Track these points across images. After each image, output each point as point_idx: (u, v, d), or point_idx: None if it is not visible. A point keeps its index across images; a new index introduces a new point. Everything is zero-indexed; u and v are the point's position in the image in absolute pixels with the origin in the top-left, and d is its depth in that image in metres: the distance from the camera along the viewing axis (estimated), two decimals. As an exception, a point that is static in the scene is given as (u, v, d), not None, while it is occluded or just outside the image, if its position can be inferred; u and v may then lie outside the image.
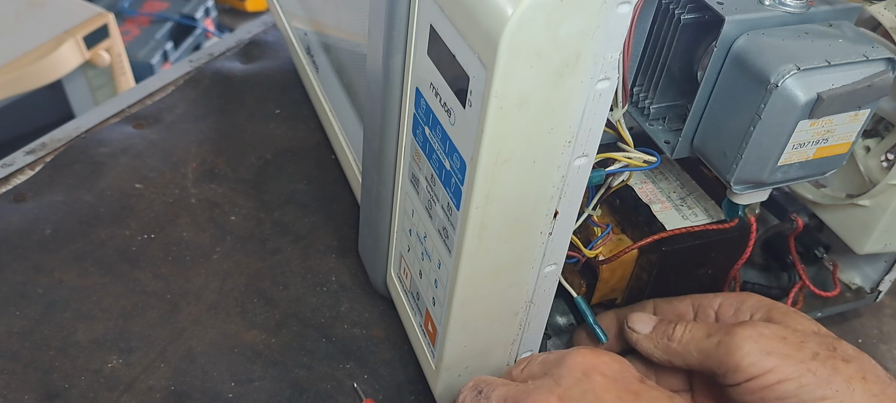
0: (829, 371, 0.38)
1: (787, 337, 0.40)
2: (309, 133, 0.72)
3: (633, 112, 0.47)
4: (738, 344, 0.40)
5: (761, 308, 0.44)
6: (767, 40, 0.39)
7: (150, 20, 1.70)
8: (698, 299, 0.47)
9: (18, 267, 0.57)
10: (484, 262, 0.38)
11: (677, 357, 0.43)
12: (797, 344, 0.40)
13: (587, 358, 0.38)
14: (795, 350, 0.39)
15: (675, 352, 0.43)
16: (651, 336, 0.45)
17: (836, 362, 0.39)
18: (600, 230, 0.47)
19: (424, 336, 0.47)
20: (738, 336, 0.40)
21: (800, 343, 0.40)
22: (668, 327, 0.44)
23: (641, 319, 0.46)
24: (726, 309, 0.45)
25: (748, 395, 0.39)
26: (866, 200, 0.49)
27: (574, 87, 0.32)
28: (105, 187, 0.64)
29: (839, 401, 0.38)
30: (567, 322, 0.53)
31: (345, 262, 0.59)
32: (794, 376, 0.38)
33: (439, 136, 0.38)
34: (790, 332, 0.40)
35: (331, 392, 0.50)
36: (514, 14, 0.29)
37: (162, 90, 0.76)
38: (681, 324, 0.44)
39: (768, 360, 0.39)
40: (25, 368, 0.50)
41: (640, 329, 0.45)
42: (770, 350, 0.39)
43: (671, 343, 0.43)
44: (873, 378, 0.39)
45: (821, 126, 0.40)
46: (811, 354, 0.39)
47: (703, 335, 0.42)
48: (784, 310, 0.43)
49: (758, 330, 0.40)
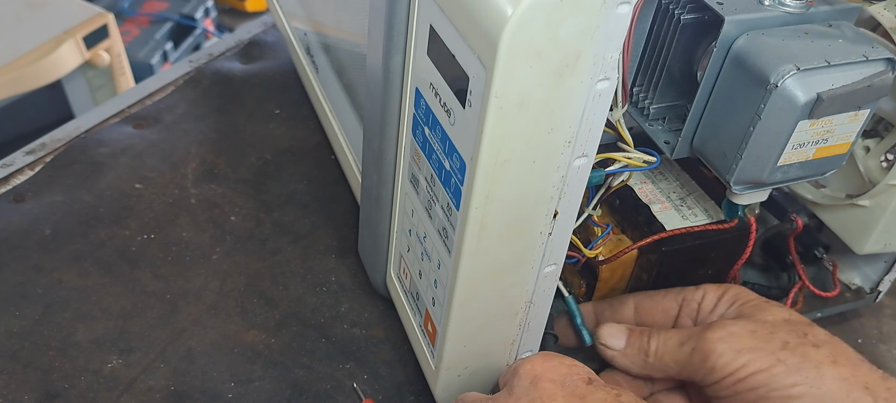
0: (798, 358, 0.39)
1: (757, 331, 0.41)
2: (309, 133, 0.72)
3: (632, 112, 0.47)
4: (710, 348, 0.41)
5: (737, 300, 0.45)
6: (767, 40, 0.39)
7: (149, 20, 1.70)
8: (682, 292, 0.47)
9: (18, 268, 0.57)
10: (484, 262, 0.38)
11: (656, 371, 0.44)
12: (766, 336, 0.40)
13: (535, 366, 0.39)
14: (765, 343, 0.40)
15: (653, 367, 0.44)
16: (627, 353, 0.45)
17: (805, 349, 0.40)
18: (600, 230, 0.47)
19: (424, 336, 0.47)
20: (709, 341, 0.41)
21: (769, 335, 0.41)
22: (643, 341, 0.44)
23: (613, 333, 0.46)
24: (709, 301, 0.46)
25: (723, 391, 0.41)
26: (866, 200, 0.49)
27: (574, 87, 0.32)
28: (105, 187, 0.64)
29: (809, 386, 0.39)
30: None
31: (345, 262, 0.59)
32: (765, 367, 0.39)
33: (439, 137, 0.38)
34: (759, 325, 0.41)
35: (330, 393, 0.50)
36: (513, 14, 0.29)
37: (162, 90, 0.76)
38: (654, 336, 0.44)
39: (741, 357, 0.40)
40: (25, 368, 0.50)
41: (613, 345, 0.45)
42: (741, 347, 0.40)
43: (648, 359, 0.44)
44: (844, 360, 0.40)
45: (820, 126, 0.40)
46: (781, 344, 0.40)
47: (677, 345, 0.43)
48: (755, 303, 0.44)
49: (727, 329, 0.41)
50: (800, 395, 0.39)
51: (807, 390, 0.39)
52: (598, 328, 0.46)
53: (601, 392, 0.37)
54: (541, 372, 0.38)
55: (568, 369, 0.39)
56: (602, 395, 0.37)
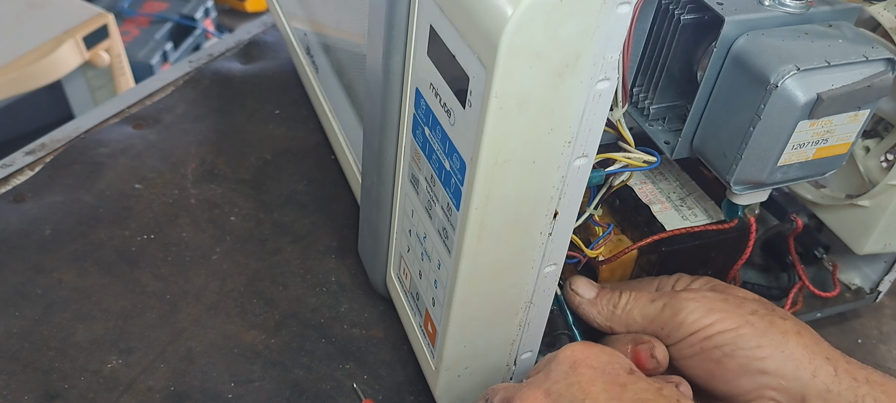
0: (766, 324, 0.41)
1: (729, 299, 0.42)
2: (308, 133, 0.72)
3: (632, 112, 0.47)
4: (682, 305, 0.42)
5: (708, 283, 0.46)
6: (767, 41, 0.39)
7: (149, 20, 1.70)
8: (658, 279, 0.48)
9: (18, 268, 0.57)
10: (484, 263, 0.38)
11: (619, 324, 0.45)
12: (737, 303, 0.42)
13: (576, 352, 0.39)
14: (735, 307, 0.42)
15: (618, 319, 0.45)
16: (595, 302, 0.46)
17: (773, 318, 0.41)
18: (601, 230, 0.47)
19: (424, 336, 0.47)
20: (681, 298, 0.43)
21: (740, 302, 0.42)
22: (614, 295, 0.46)
23: (584, 284, 0.47)
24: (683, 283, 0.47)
25: (688, 349, 0.42)
26: (866, 200, 0.49)
27: (574, 88, 0.32)
28: (104, 187, 0.64)
29: (773, 349, 0.40)
30: (567, 322, 0.53)
31: (344, 263, 0.59)
32: (732, 327, 0.41)
33: (439, 137, 0.38)
34: (731, 296, 0.43)
35: (330, 393, 0.50)
36: (513, 14, 0.29)
37: (161, 91, 0.76)
38: (626, 293, 0.45)
39: (710, 316, 0.41)
40: (25, 368, 0.50)
41: (583, 293, 0.47)
42: (712, 307, 0.42)
43: (615, 311, 0.45)
44: (808, 335, 0.41)
45: (820, 126, 0.40)
46: (750, 310, 0.42)
47: (648, 300, 0.44)
48: (727, 285, 0.46)
49: (700, 293, 0.43)
50: (763, 357, 0.40)
51: (771, 352, 0.40)
52: (571, 278, 0.48)
53: (643, 382, 0.37)
54: (581, 358, 0.38)
55: (609, 357, 0.39)
56: (644, 386, 0.37)
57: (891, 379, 0.39)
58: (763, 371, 0.40)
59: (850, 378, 0.39)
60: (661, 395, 0.36)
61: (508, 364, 0.45)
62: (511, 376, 0.46)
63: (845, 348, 0.57)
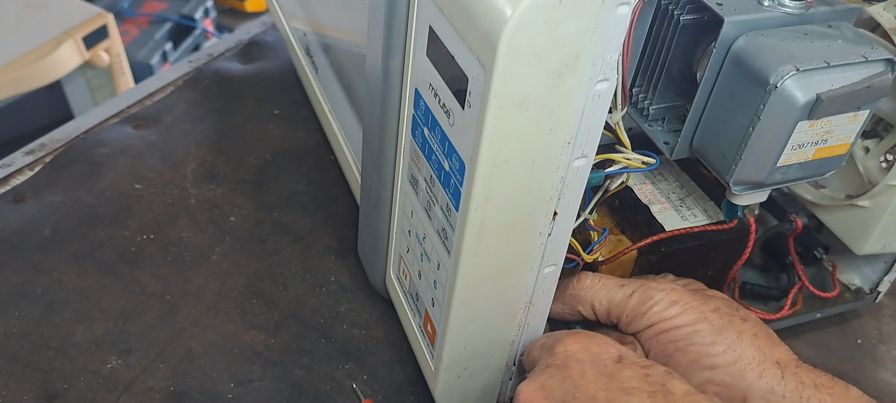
0: (724, 322, 0.41)
1: (696, 294, 0.43)
2: (308, 134, 0.72)
3: (632, 113, 0.47)
4: (650, 295, 0.42)
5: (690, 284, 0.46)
6: (766, 41, 0.39)
7: (149, 21, 1.70)
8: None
9: (17, 268, 0.57)
10: (483, 263, 0.38)
11: (584, 304, 0.45)
12: (703, 299, 0.42)
13: (568, 345, 0.39)
14: (699, 303, 0.42)
15: (581, 299, 0.45)
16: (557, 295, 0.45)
17: (733, 318, 0.42)
18: (597, 234, 0.47)
19: (423, 336, 0.47)
20: (651, 288, 0.43)
21: (706, 298, 0.43)
22: (572, 279, 0.45)
23: None
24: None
25: (645, 340, 0.43)
26: (865, 201, 0.49)
27: (573, 88, 0.32)
28: (104, 188, 0.64)
29: (726, 347, 0.40)
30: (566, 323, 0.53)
31: (344, 263, 0.59)
32: (690, 322, 0.41)
33: (438, 137, 0.38)
34: (700, 292, 0.43)
35: (330, 393, 0.50)
36: (513, 15, 0.29)
37: (161, 91, 0.76)
38: (588, 274, 0.45)
39: (672, 309, 0.42)
40: (24, 369, 0.50)
41: None
42: (676, 300, 0.42)
43: (576, 291, 0.45)
44: (764, 337, 0.41)
45: (820, 127, 0.40)
46: (712, 308, 0.42)
47: (616, 285, 0.44)
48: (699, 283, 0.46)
49: (669, 283, 0.43)
50: (714, 354, 0.40)
51: (722, 349, 0.40)
52: None
53: (629, 370, 0.38)
54: (572, 352, 0.39)
55: (599, 348, 0.39)
56: (630, 373, 0.37)
57: (839, 382, 0.40)
58: (712, 367, 0.40)
59: (796, 381, 0.40)
60: (646, 381, 0.37)
61: (508, 365, 0.45)
62: (511, 376, 0.46)
63: (845, 348, 0.57)
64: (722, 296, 0.44)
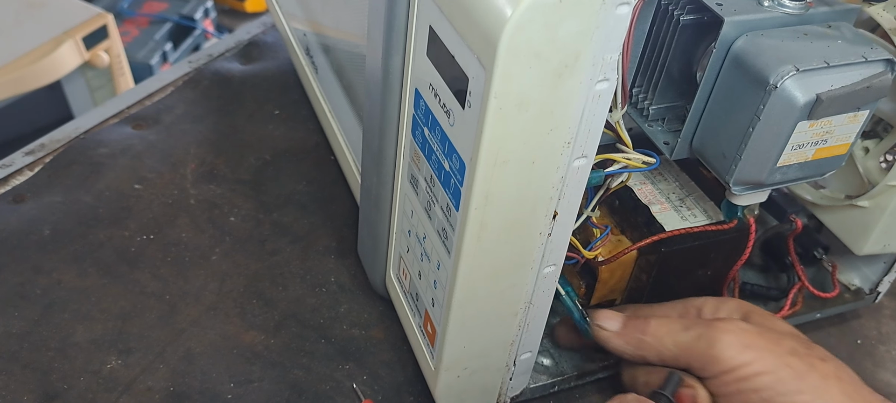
0: (805, 366, 0.39)
1: (765, 334, 0.41)
2: (308, 134, 0.72)
3: (632, 113, 0.47)
4: (718, 337, 0.40)
5: (740, 309, 0.44)
6: (766, 41, 0.39)
7: (149, 21, 1.70)
8: (682, 303, 0.47)
9: (17, 268, 0.57)
10: (483, 263, 0.38)
11: (651, 352, 0.43)
12: (775, 340, 0.40)
13: None
14: (774, 345, 0.40)
15: (648, 346, 0.43)
16: (622, 333, 0.44)
17: (812, 360, 0.40)
18: (599, 232, 0.47)
19: (423, 336, 0.47)
20: (718, 330, 0.41)
21: (778, 339, 0.41)
22: (640, 322, 0.44)
23: (609, 316, 0.45)
24: (710, 307, 0.46)
25: (724, 387, 0.40)
26: (865, 201, 0.49)
27: (573, 88, 0.32)
28: (104, 188, 0.64)
29: (814, 395, 0.38)
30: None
31: (344, 263, 0.59)
32: (771, 369, 0.39)
33: (438, 137, 0.38)
34: (767, 330, 0.41)
35: (330, 393, 0.50)
36: (513, 15, 0.29)
37: (161, 91, 0.76)
38: (655, 318, 0.44)
39: (747, 353, 0.40)
40: (24, 369, 0.50)
41: (608, 325, 0.45)
42: (749, 344, 0.40)
43: (644, 337, 0.43)
44: (847, 378, 0.40)
45: (820, 127, 0.40)
46: (789, 349, 0.40)
47: (681, 328, 0.42)
48: (762, 313, 0.44)
49: (737, 325, 0.41)
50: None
51: (811, 399, 0.38)
52: (594, 312, 0.46)
53: None
54: None
55: None
56: None
57: None
58: None
59: None
60: None
61: (508, 365, 0.45)
62: (510, 376, 0.46)
63: (845, 349, 0.57)
64: (791, 331, 0.42)
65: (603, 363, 0.51)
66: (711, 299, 0.46)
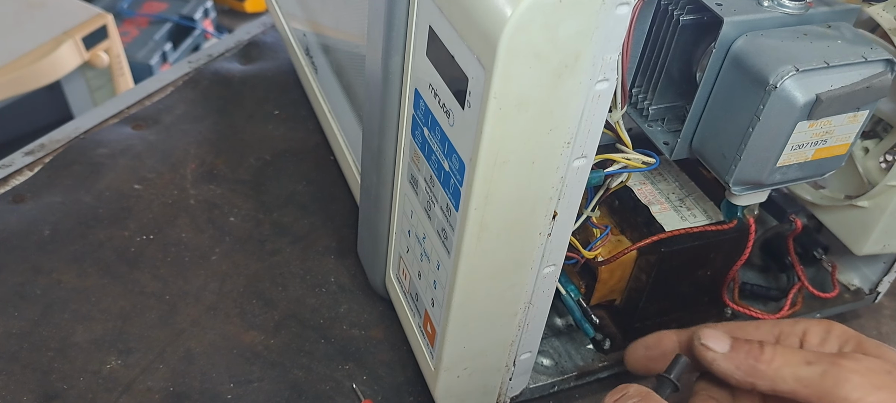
0: None
1: (893, 372, 0.38)
2: (308, 134, 0.72)
3: (632, 113, 0.47)
4: (846, 376, 0.38)
5: (851, 339, 0.42)
6: (766, 41, 0.39)
7: (148, 21, 1.70)
8: (778, 325, 0.44)
9: (17, 268, 0.57)
10: (483, 263, 0.38)
11: (765, 381, 0.40)
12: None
13: None
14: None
15: (762, 375, 0.40)
16: (731, 356, 0.41)
17: None
18: (599, 231, 0.47)
19: (423, 337, 0.47)
20: (846, 368, 0.38)
21: None
22: (754, 347, 0.41)
23: (716, 337, 0.42)
24: (812, 337, 0.42)
25: None
26: (865, 201, 0.49)
27: (573, 88, 0.32)
28: (104, 188, 0.64)
29: None
30: (565, 323, 0.53)
31: (344, 263, 0.59)
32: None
33: (438, 137, 0.38)
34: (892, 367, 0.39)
35: (329, 393, 0.50)
36: (513, 15, 0.29)
37: (161, 91, 0.76)
38: (770, 346, 0.41)
39: (877, 394, 0.37)
40: (24, 369, 0.50)
41: (716, 347, 0.42)
42: (879, 384, 0.37)
43: (759, 365, 0.40)
44: None
45: (819, 127, 0.40)
46: None
47: (802, 361, 0.39)
48: (876, 344, 0.41)
49: (864, 364, 0.38)
50: None
51: None
52: (698, 329, 0.43)
53: None
54: None
55: None
56: None
57: None
58: None
59: None
60: None
61: (508, 365, 0.46)
62: (510, 377, 0.46)
63: (844, 349, 0.57)
64: None
65: (603, 363, 0.51)
66: (814, 324, 0.43)
